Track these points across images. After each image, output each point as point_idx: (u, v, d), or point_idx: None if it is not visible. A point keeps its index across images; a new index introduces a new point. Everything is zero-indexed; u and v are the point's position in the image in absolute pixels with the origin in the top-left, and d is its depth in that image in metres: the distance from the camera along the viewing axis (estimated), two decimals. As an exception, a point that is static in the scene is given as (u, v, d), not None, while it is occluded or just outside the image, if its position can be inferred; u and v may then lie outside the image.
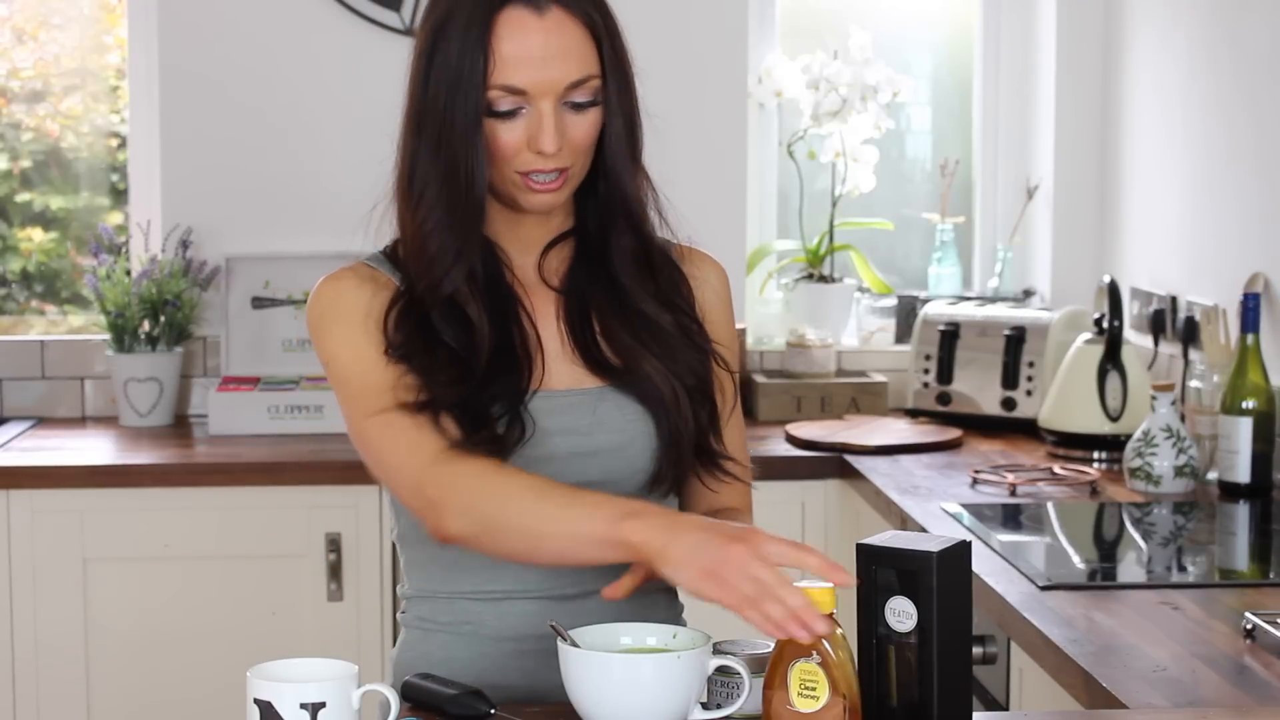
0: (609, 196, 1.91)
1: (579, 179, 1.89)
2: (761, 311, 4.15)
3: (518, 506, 1.75)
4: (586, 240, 1.94)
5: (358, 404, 1.86)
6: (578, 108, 1.84)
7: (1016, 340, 3.71)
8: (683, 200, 2.04)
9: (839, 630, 1.59)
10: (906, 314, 4.09)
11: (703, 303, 1.99)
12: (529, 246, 1.94)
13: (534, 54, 1.80)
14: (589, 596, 1.89)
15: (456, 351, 1.85)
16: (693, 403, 1.91)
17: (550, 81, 1.81)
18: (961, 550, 1.65)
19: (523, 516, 1.74)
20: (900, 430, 3.64)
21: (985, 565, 2.49)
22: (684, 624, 1.93)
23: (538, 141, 1.81)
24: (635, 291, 1.92)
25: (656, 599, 1.97)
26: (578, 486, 1.78)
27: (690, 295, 1.98)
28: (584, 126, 1.84)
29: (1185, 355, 3.41)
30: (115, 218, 4.11)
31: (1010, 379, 3.70)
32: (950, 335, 3.79)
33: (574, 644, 1.68)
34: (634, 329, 1.91)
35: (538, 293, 1.94)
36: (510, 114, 1.82)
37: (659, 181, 1.98)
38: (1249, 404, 2.98)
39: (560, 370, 1.91)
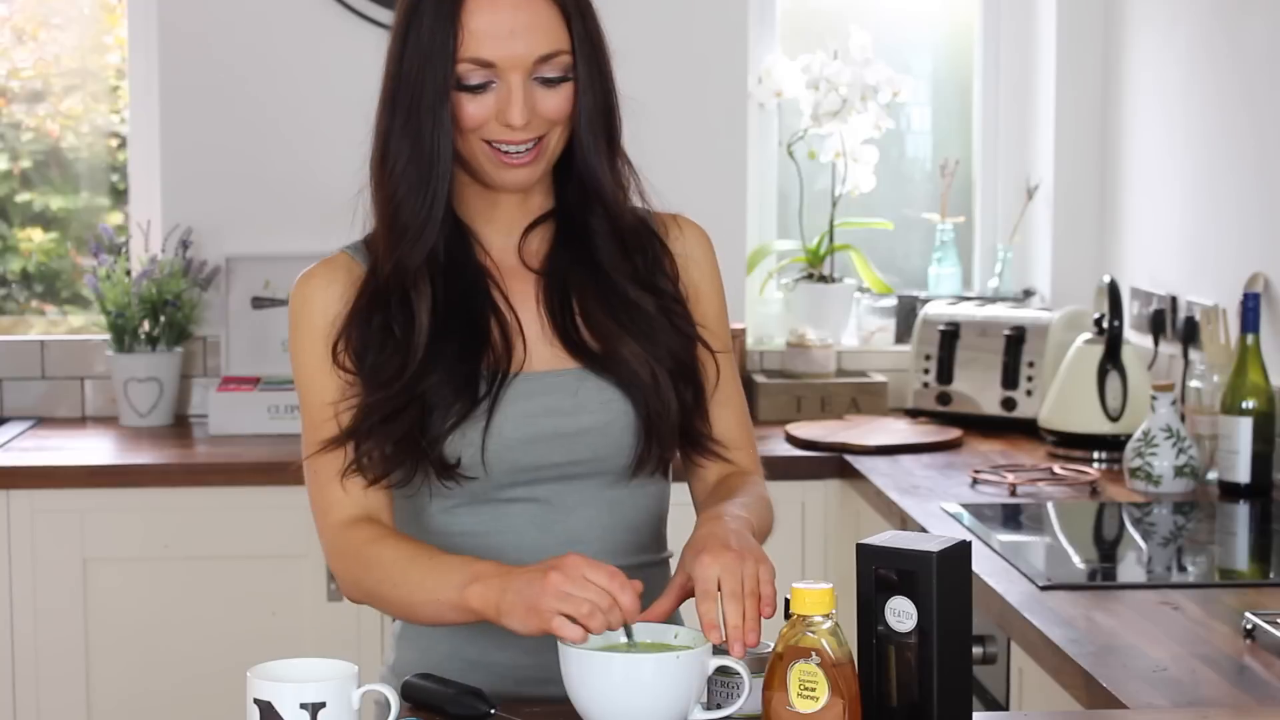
0: (584, 176, 1.92)
1: (552, 154, 1.89)
2: (761, 311, 4.15)
3: (390, 578, 1.83)
4: (566, 221, 1.95)
5: (305, 431, 1.93)
6: (548, 83, 1.85)
7: (1016, 340, 3.71)
8: (683, 200, 2.04)
9: (831, 627, 1.60)
10: (906, 314, 4.09)
11: (688, 281, 1.99)
12: (508, 229, 1.95)
13: (503, 28, 1.82)
14: None
15: (402, 341, 1.87)
16: (675, 385, 1.92)
17: (518, 55, 1.82)
18: (961, 550, 1.65)
19: (395, 588, 1.83)
20: (900, 430, 3.64)
21: (985, 565, 2.49)
22: (682, 622, 1.94)
23: (506, 114, 1.83)
24: (616, 273, 1.93)
25: (657, 570, 1.98)
26: (439, 550, 1.85)
27: (675, 272, 1.98)
28: (555, 101, 1.86)
29: (1185, 355, 3.41)
30: (115, 218, 4.11)
31: (1010, 379, 3.70)
32: (950, 335, 3.79)
33: (632, 639, 1.69)
34: (614, 311, 1.92)
35: (517, 276, 1.94)
36: (480, 88, 1.83)
37: (658, 176, 1.99)
38: (1249, 404, 2.98)
39: (541, 353, 1.92)
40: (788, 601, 1.61)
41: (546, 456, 1.89)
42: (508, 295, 1.93)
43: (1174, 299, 3.56)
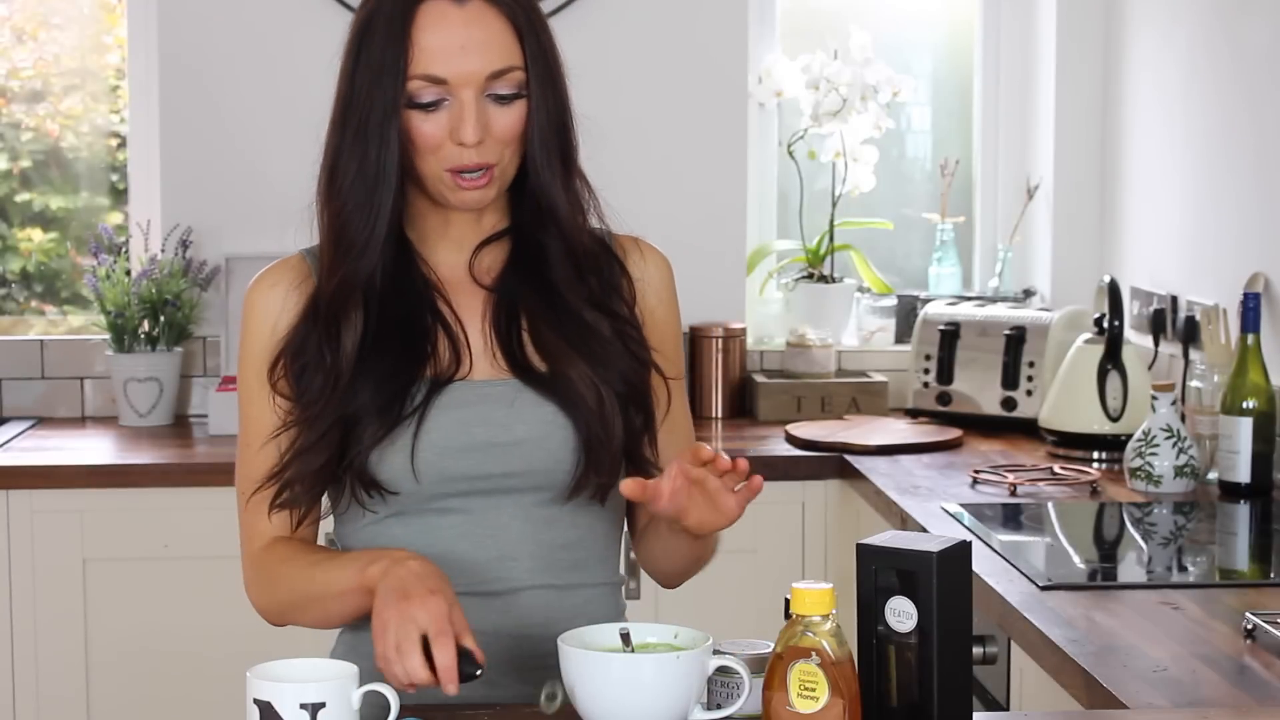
0: (538, 196, 1.90)
1: (507, 176, 1.88)
2: (761, 311, 4.15)
3: (298, 583, 1.89)
4: (521, 241, 1.93)
5: (242, 453, 1.94)
6: (501, 100, 1.84)
7: (1016, 340, 3.71)
8: (683, 200, 2.04)
9: (835, 628, 1.60)
10: (906, 314, 4.09)
11: (644, 306, 1.97)
12: (460, 245, 1.94)
13: (454, 44, 1.82)
14: (517, 593, 1.90)
15: (330, 367, 1.86)
16: (623, 410, 1.89)
17: (470, 71, 1.82)
18: (961, 550, 1.65)
19: (304, 590, 1.87)
20: (900, 430, 3.64)
21: (985, 565, 2.49)
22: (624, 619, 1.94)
23: (459, 132, 1.82)
24: (569, 294, 1.91)
25: (601, 592, 1.96)
26: (333, 551, 1.90)
27: (632, 295, 1.96)
28: (508, 119, 1.84)
29: (1185, 355, 3.41)
30: (115, 218, 4.11)
31: (1010, 379, 3.70)
32: (950, 335, 3.79)
33: (633, 648, 1.69)
34: (565, 332, 1.90)
35: (465, 291, 1.93)
36: (433, 106, 1.83)
37: (658, 177, 1.98)
38: (1249, 404, 2.98)
39: (481, 367, 1.91)
40: (788, 601, 1.60)
41: (479, 467, 1.87)
42: (454, 309, 1.91)
43: (1174, 299, 3.56)
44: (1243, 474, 2.98)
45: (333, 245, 1.88)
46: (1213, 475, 3.07)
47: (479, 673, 1.72)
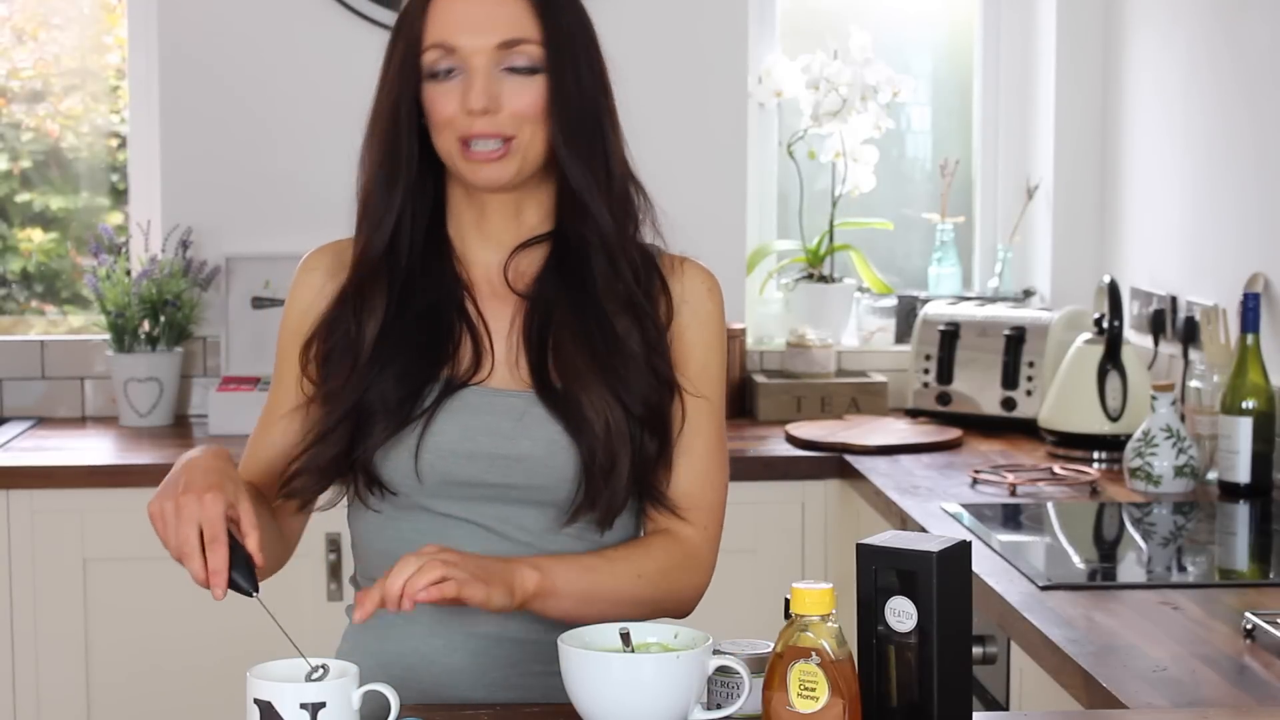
0: (567, 181, 1.88)
1: (530, 155, 1.86)
2: (761, 311, 4.15)
3: None
4: (562, 244, 1.91)
5: (259, 428, 1.98)
6: (518, 74, 1.84)
7: (1016, 340, 3.71)
8: (682, 200, 2.03)
9: (836, 627, 1.60)
10: (906, 314, 4.09)
11: (677, 325, 1.92)
12: (499, 245, 1.92)
13: (466, 13, 1.84)
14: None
15: (350, 354, 1.88)
16: (636, 435, 1.86)
17: (479, 39, 1.83)
18: (961, 550, 1.65)
19: None
20: (900, 430, 3.64)
21: (985, 565, 2.49)
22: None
23: (466, 98, 1.82)
24: (604, 294, 1.88)
25: None
26: None
27: (668, 315, 1.91)
28: (526, 94, 1.84)
29: (1185, 355, 3.41)
30: (115, 218, 4.11)
31: (1010, 379, 3.70)
32: (950, 335, 3.79)
33: (632, 648, 1.69)
34: (591, 346, 1.86)
35: (497, 295, 1.91)
36: (447, 76, 1.84)
37: (658, 177, 1.97)
38: (1249, 404, 2.98)
39: (501, 375, 1.89)
40: (788, 601, 1.61)
41: (482, 475, 1.86)
42: (482, 312, 1.90)
43: (1174, 299, 3.56)
44: (1242, 474, 2.98)
45: (361, 220, 1.91)
46: (1212, 475, 3.07)
47: (253, 594, 1.74)
